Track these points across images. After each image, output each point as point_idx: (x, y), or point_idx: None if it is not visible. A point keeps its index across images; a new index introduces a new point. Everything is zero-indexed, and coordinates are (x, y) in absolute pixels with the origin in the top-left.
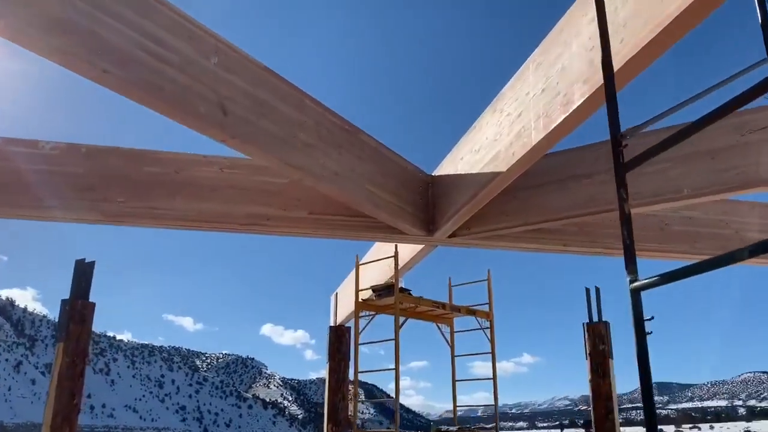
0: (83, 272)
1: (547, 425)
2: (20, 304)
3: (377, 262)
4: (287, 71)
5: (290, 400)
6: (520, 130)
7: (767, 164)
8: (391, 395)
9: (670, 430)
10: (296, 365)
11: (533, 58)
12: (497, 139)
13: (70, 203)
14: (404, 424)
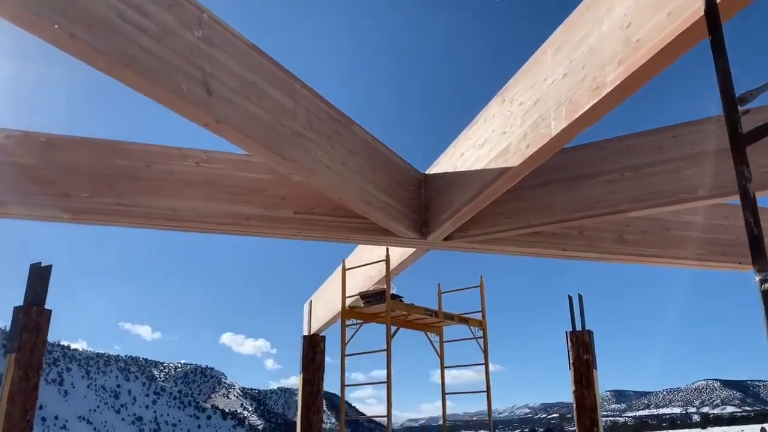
0: (39, 277)
1: None
2: None
3: (360, 267)
4: (277, 53)
5: (250, 410)
6: (536, 120)
7: None
8: (353, 405)
9: None
10: (257, 375)
11: (552, 41)
12: (507, 131)
13: (26, 199)
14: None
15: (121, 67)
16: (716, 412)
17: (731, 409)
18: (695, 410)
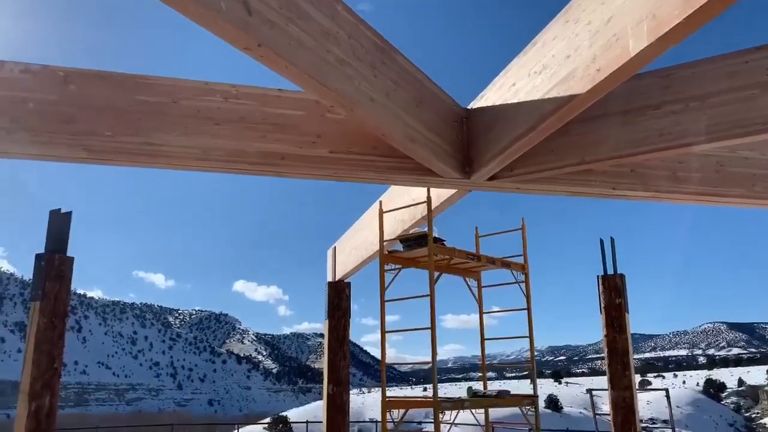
0: (59, 224)
1: (515, 375)
2: None
3: (390, 212)
4: None
5: (264, 354)
6: (609, 40)
7: None
8: (365, 350)
9: (636, 378)
10: (270, 321)
11: None
12: (571, 55)
13: (44, 138)
14: (378, 376)
15: None
16: (722, 354)
17: (737, 351)
18: (701, 352)
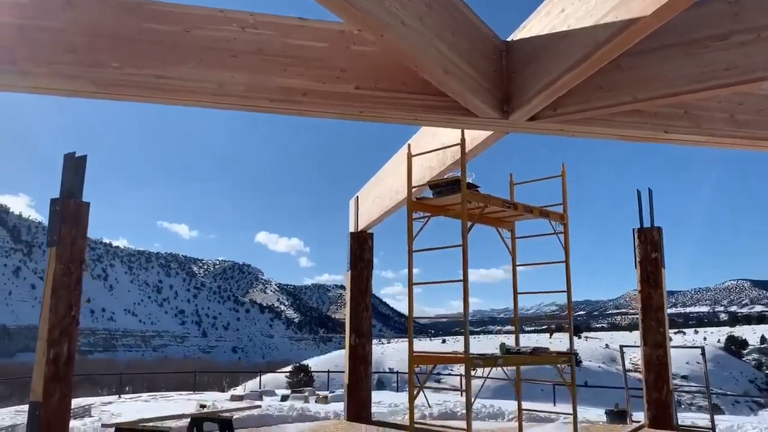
0: (74, 168)
1: (534, 329)
2: (15, 210)
3: (418, 156)
4: None
5: (286, 304)
6: None
7: None
8: (384, 301)
9: None
10: (292, 272)
11: None
12: None
13: (47, 68)
14: (397, 327)
15: None
16: (744, 311)
17: (760, 308)
18: (723, 309)
